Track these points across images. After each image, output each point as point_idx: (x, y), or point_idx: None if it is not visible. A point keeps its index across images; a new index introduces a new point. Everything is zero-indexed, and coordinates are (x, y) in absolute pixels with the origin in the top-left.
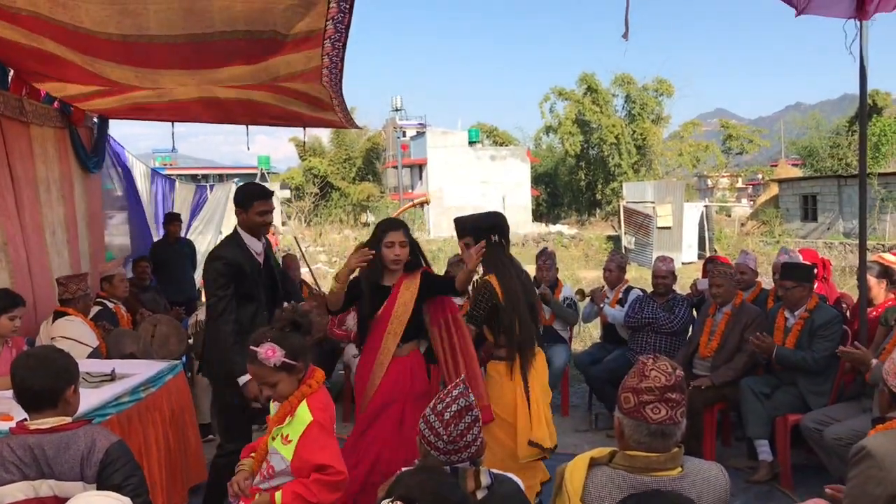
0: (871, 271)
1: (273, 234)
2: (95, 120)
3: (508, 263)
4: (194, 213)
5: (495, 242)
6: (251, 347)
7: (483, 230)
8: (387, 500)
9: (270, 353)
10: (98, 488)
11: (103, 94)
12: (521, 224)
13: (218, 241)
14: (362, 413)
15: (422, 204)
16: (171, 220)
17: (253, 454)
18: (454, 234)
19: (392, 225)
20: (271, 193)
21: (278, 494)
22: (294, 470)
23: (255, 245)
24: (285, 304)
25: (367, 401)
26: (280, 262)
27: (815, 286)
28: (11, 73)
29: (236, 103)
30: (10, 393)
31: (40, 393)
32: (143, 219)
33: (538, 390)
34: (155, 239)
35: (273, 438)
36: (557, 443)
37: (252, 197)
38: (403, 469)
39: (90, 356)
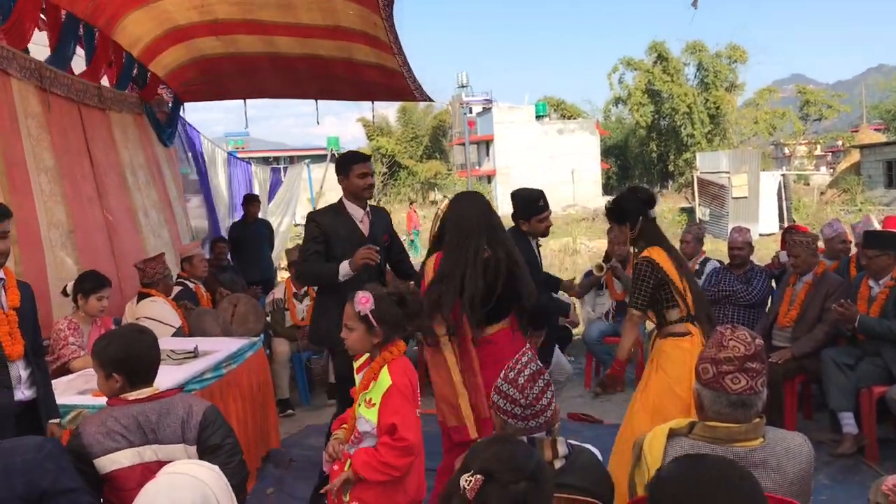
0: None
1: (414, 212)
2: (170, 104)
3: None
4: (271, 194)
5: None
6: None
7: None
8: (466, 475)
9: (364, 300)
10: (198, 449)
11: (169, 39)
12: (592, 198)
13: (292, 222)
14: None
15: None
16: (250, 200)
17: (344, 426)
18: None
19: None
20: (369, 157)
21: (348, 465)
22: (379, 432)
23: (356, 212)
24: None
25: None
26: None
27: None
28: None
29: (302, 61)
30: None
31: (148, 365)
32: (212, 202)
33: None
34: (228, 222)
35: (359, 405)
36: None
37: (350, 161)
38: (478, 440)
39: (174, 336)
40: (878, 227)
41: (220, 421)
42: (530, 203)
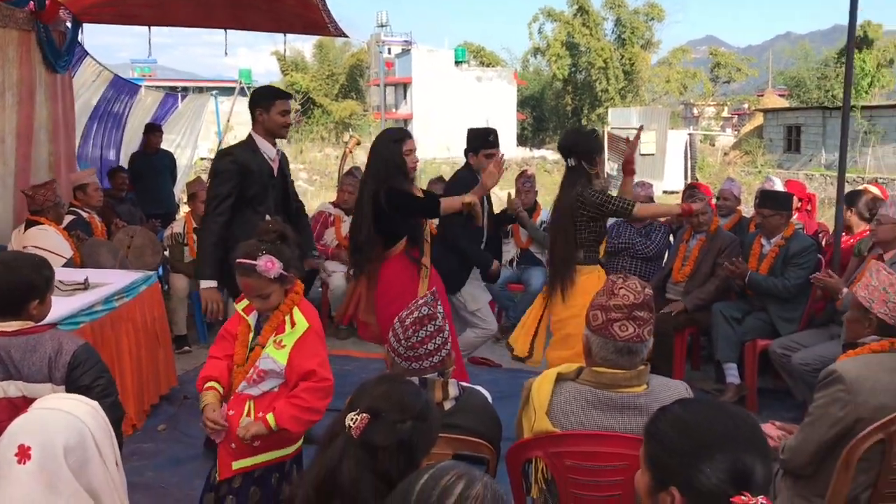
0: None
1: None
2: (69, 24)
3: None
4: (157, 122)
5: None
6: (246, 261)
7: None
8: (352, 414)
9: (270, 265)
10: (67, 389)
11: None
12: (506, 148)
13: (195, 156)
14: None
15: (356, 145)
16: (152, 130)
17: (213, 385)
18: (437, 154)
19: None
20: (291, 95)
21: (271, 417)
22: (287, 373)
23: (268, 150)
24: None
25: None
26: None
27: (795, 216)
28: None
29: None
30: None
31: (15, 296)
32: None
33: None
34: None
35: (267, 346)
36: (531, 357)
37: (273, 96)
38: (366, 379)
39: (64, 266)
40: (780, 188)
41: (92, 360)
42: (479, 136)
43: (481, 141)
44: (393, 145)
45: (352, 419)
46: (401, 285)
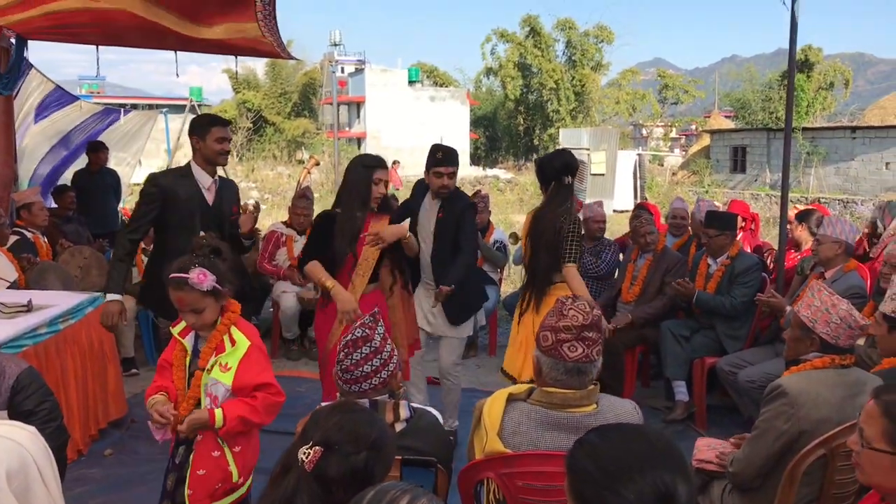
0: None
1: (395, 171)
2: (13, 40)
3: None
4: (93, 136)
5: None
6: (178, 275)
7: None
8: (304, 448)
9: (202, 277)
10: (10, 414)
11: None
12: (459, 167)
13: (135, 175)
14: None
15: (314, 165)
16: (96, 148)
17: (162, 392)
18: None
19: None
20: (229, 122)
21: (218, 412)
22: (235, 392)
23: (203, 179)
24: (202, 232)
25: (334, 338)
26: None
27: (739, 235)
28: None
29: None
30: None
31: None
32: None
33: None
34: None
35: (209, 371)
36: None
37: (209, 123)
38: (318, 407)
39: (8, 289)
40: (720, 208)
41: (36, 384)
42: (429, 154)
43: (429, 157)
44: (363, 170)
45: (304, 453)
46: (323, 319)
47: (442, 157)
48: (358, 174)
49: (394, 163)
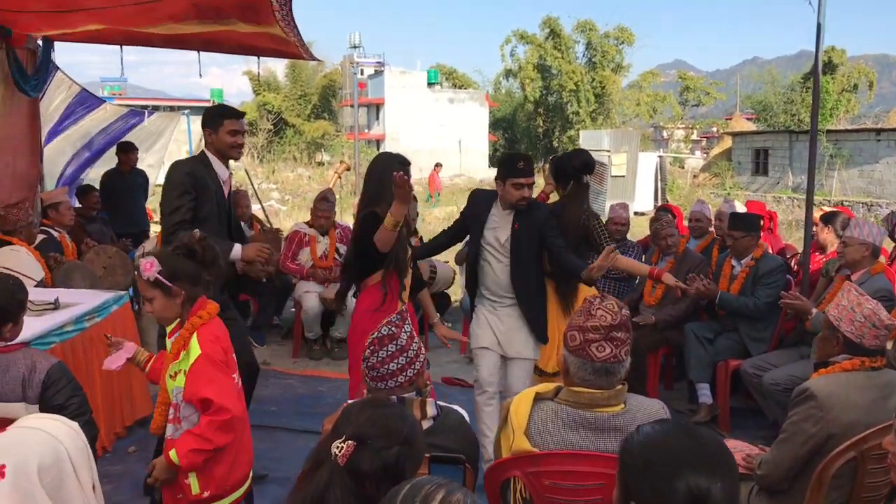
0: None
1: (437, 174)
2: (39, 42)
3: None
4: (118, 138)
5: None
6: (139, 261)
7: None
8: (338, 441)
9: (148, 266)
10: (41, 408)
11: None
12: (478, 169)
13: (160, 176)
14: None
15: (345, 170)
16: (126, 149)
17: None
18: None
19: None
20: (243, 114)
21: (172, 453)
22: (187, 402)
23: (221, 170)
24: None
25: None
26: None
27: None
28: None
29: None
30: None
31: None
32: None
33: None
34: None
35: (172, 377)
36: None
37: (222, 115)
38: (348, 403)
39: (35, 287)
40: (741, 209)
41: (66, 379)
42: (504, 163)
43: (507, 169)
44: (399, 167)
45: (337, 447)
46: (369, 320)
47: (524, 166)
48: (388, 173)
49: (436, 165)
